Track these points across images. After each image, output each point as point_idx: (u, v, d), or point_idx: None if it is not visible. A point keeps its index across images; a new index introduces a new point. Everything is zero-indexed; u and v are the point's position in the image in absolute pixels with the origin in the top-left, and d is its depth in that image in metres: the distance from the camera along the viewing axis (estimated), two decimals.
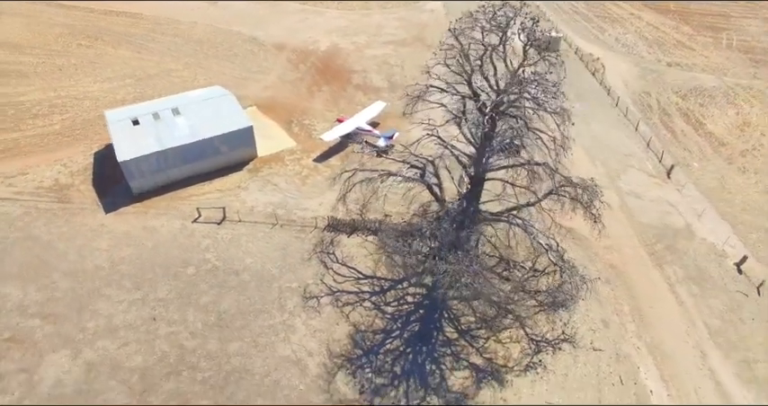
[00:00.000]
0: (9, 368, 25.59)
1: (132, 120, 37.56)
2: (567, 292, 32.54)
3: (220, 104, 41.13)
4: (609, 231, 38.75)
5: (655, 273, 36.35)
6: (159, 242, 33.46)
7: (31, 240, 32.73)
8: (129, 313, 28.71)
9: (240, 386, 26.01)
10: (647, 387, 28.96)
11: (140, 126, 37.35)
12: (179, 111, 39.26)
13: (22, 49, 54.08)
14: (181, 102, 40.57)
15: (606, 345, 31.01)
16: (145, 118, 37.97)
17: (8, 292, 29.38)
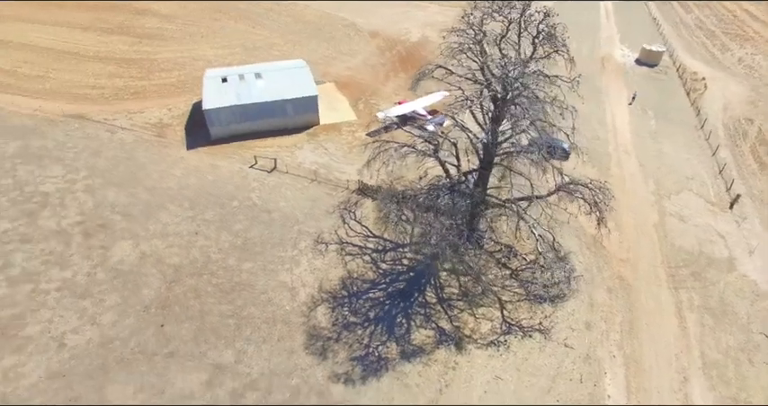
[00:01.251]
0: (94, 244, 34.38)
1: (222, 78, 45.95)
2: (559, 289, 33.87)
3: (297, 74, 47.96)
4: (632, 245, 38.73)
5: (666, 294, 35.53)
6: (218, 178, 41.02)
7: (132, 160, 42.22)
8: (179, 225, 36.36)
9: (241, 295, 32.04)
10: (605, 392, 29.34)
11: (227, 83, 45.52)
12: (261, 76, 46.89)
13: (168, 19, 66.54)
14: (265, 69, 48.25)
15: (580, 345, 31.69)
16: (232, 77, 46.13)
17: (107, 194, 38.74)
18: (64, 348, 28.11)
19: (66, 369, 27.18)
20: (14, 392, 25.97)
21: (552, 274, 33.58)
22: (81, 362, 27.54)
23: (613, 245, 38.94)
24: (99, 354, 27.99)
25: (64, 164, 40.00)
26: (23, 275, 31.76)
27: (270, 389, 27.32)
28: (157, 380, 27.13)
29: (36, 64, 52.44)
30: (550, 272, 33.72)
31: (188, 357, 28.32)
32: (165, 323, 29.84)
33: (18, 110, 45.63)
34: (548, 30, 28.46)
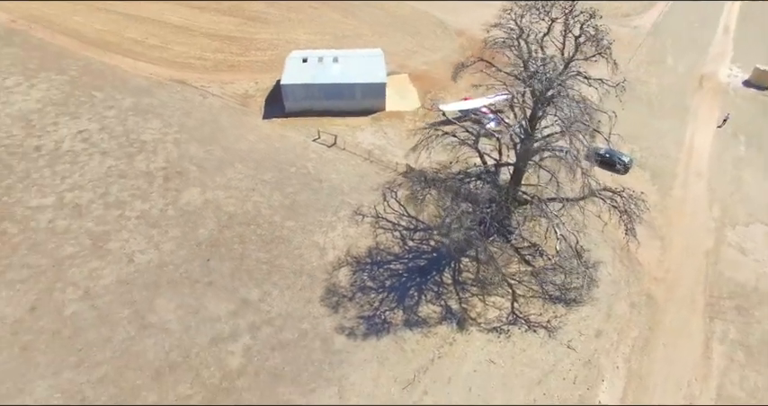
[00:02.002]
0: (171, 186, 40.84)
1: (303, 59, 51.09)
2: (577, 294, 34.17)
3: (371, 62, 51.72)
4: (673, 267, 37.81)
5: (697, 321, 34.28)
6: (283, 146, 46.04)
7: (216, 123, 48.69)
8: (241, 181, 41.73)
9: (278, 247, 36.40)
10: (598, 397, 29.50)
11: (306, 64, 50.54)
12: (338, 60, 51.35)
13: (273, 4, 73.63)
14: (344, 54, 52.65)
15: (584, 349, 32.01)
16: (312, 59, 51.07)
17: (189, 148, 45.29)
18: (132, 263, 34.33)
19: (130, 279, 33.31)
20: (94, 289, 32.50)
21: (570, 277, 34.00)
22: (141, 276, 33.53)
23: (651, 263, 37.96)
24: (155, 273, 33.82)
25: (162, 119, 47.35)
26: (115, 202, 38.82)
27: (282, 327, 31.28)
28: (195, 302, 32.28)
29: (159, 36, 61.57)
30: (570, 275, 34.19)
31: (222, 289, 33.19)
32: (211, 259, 35.03)
33: (138, 73, 54.33)
34: (590, 33, 29.09)
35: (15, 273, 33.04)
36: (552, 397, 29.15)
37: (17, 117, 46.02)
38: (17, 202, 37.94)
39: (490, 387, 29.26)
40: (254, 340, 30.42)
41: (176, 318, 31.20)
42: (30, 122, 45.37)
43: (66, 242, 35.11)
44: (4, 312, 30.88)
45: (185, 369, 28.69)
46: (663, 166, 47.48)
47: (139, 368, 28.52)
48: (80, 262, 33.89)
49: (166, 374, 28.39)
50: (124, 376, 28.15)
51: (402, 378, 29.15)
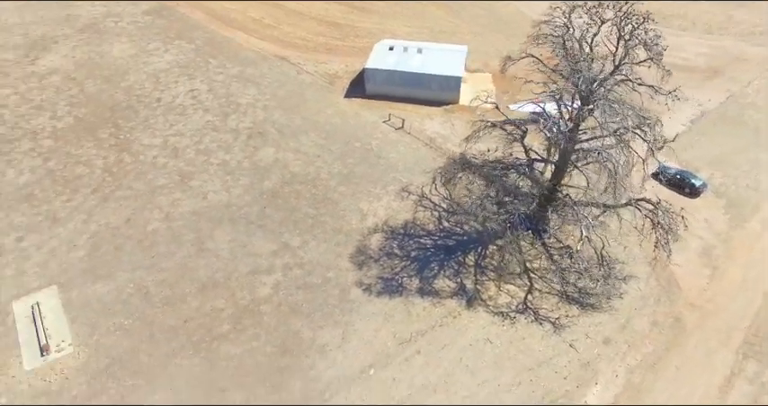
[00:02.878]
0: (251, 144, 47.45)
1: (389, 47, 55.42)
2: (597, 300, 34.54)
3: (452, 56, 54.54)
4: (718, 297, 36.73)
5: (726, 355, 33.08)
6: (355, 123, 50.82)
7: (302, 96, 54.92)
8: (310, 148, 47.23)
9: (326, 206, 41.14)
10: (585, 397, 30.04)
11: (392, 52, 54.79)
12: (421, 51, 54.93)
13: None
14: (429, 47, 56.10)
15: (586, 352, 32.58)
16: (398, 48, 55.20)
17: (274, 114, 51.74)
18: (205, 200, 41.25)
19: (201, 211, 40.19)
20: (172, 214, 39.86)
21: (595, 283, 34.34)
22: (210, 211, 40.25)
23: (693, 289, 36.66)
24: (221, 210, 40.36)
25: (258, 88, 54.64)
26: (204, 150, 46.36)
27: (311, 272, 35.93)
28: (245, 238, 38.15)
29: (274, 17, 69.81)
30: (594, 281, 34.54)
31: (270, 232, 38.69)
32: (268, 207, 40.77)
33: (249, 47, 62.61)
34: (643, 37, 29.45)
35: (122, 192, 41.51)
36: (538, 385, 30.35)
37: (150, 74, 56.05)
38: (135, 140, 46.98)
39: (480, 362, 31.24)
40: (284, 277, 35.48)
41: (228, 248, 37.29)
42: (158, 79, 55.10)
43: (161, 175, 43.08)
44: (109, 219, 39.21)
45: (224, 288, 34.53)
46: (745, 198, 44.52)
47: (191, 280, 34.92)
48: (167, 192, 41.54)
49: (209, 288, 34.44)
50: (178, 283, 34.69)
51: (401, 335, 32.27)
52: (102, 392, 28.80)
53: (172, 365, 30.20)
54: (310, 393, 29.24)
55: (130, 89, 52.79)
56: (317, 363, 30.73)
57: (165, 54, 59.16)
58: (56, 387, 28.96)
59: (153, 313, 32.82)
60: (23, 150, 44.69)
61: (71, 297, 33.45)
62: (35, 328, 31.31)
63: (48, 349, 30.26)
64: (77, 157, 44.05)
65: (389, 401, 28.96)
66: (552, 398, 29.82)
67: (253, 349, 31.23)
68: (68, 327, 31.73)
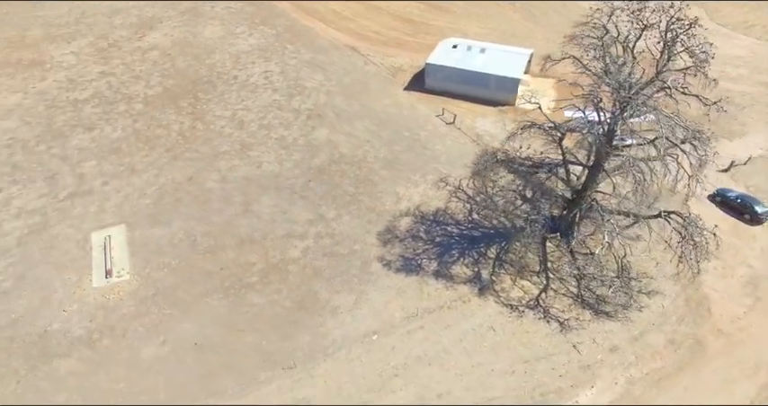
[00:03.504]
0: (308, 124, 51.69)
1: (453, 45, 57.39)
2: (612, 309, 34.66)
3: (514, 59, 55.46)
4: (754, 328, 34.94)
5: (748, 387, 31.90)
6: (409, 114, 53.47)
7: (364, 85, 58.46)
8: (362, 133, 50.54)
9: (365, 187, 44.21)
10: (577, 397, 30.56)
11: (455, 50, 56.77)
12: (484, 51, 56.38)
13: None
14: (493, 47, 57.44)
15: (589, 355, 33.00)
16: (462, 46, 57.06)
17: (336, 99, 55.60)
18: (259, 168, 45.93)
19: (253, 178, 44.88)
20: (228, 177, 44.85)
21: (615, 293, 34.46)
22: (261, 178, 44.83)
23: (725, 316, 35.58)
24: (271, 179, 44.79)
25: (325, 74, 58.94)
26: (266, 125, 51.19)
27: (339, 242, 39.18)
28: (287, 206, 42.19)
29: (353, 10, 74.06)
30: (615, 290, 34.67)
31: (310, 203, 42.47)
32: (312, 181, 44.62)
33: (324, 36, 67.26)
34: (687, 43, 29.31)
35: (189, 154, 47.30)
36: (531, 377, 31.34)
37: (233, 54, 62.28)
38: (209, 110, 52.92)
39: (479, 346, 32.76)
40: (314, 244, 39.02)
41: (269, 212, 41.52)
42: (238, 59, 61.16)
43: (225, 143, 48.44)
44: (175, 175, 45.00)
45: (259, 246, 38.72)
46: None
47: (232, 235, 39.50)
48: (228, 158, 46.72)
49: (247, 244, 38.79)
50: (221, 236, 39.41)
51: (408, 310, 34.57)
52: (144, 315, 33.95)
53: (203, 303, 34.76)
54: (315, 346, 32.44)
55: (213, 66, 59.18)
56: (327, 321, 33.88)
57: (248, 37, 65.29)
58: (112, 304, 34.55)
59: (196, 257, 37.70)
60: (119, 111, 52.08)
61: (134, 236, 39.23)
62: (104, 256, 37.27)
63: (111, 274, 36.04)
64: (159, 121, 50.64)
65: (384, 366, 31.42)
66: (543, 391, 30.72)
67: (273, 301, 35.02)
68: (128, 259, 37.40)
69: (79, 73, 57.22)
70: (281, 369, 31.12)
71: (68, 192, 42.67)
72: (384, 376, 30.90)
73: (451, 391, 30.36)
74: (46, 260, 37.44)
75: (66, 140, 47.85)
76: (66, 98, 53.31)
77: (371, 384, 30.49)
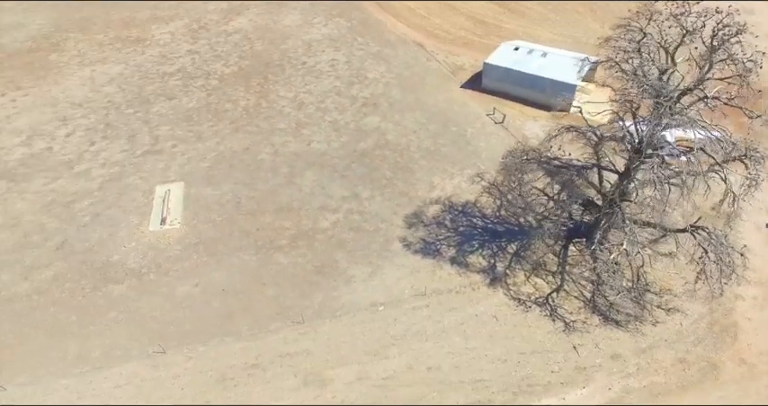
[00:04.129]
0: (362, 111, 55.25)
1: (515, 48, 58.28)
2: (624, 318, 34.73)
3: (573, 64, 55.13)
4: None
5: None
6: (460, 111, 55.30)
7: (423, 80, 60.95)
8: (410, 123, 53.14)
9: (403, 173, 46.78)
10: (566, 395, 31.21)
11: (516, 52, 57.66)
12: (545, 55, 56.74)
13: (545, 4, 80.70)
14: (555, 52, 57.62)
15: (587, 358, 33.44)
16: (523, 49, 57.83)
17: (393, 91, 58.76)
18: (308, 146, 50.08)
19: (301, 153, 49.07)
20: (279, 151, 49.42)
21: (634, 307, 34.54)
22: (308, 155, 48.90)
23: (753, 345, 34.33)
24: (317, 156, 48.73)
25: (388, 66, 62.20)
26: (323, 108, 55.31)
27: (366, 219, 42.18)
28: (326, 182, 45.86)
29: (428, 9, 76.75)
30: (632, 303, 34.78)
31: (348, 182, 45.84)
32: (354, 163, 47.98)
33: (394, 31, 70.57)
34: (731, 52, 28.85)
35: (250, 128, 52.53)
36: (523, 368, 32.36)
37: (306, 41, 67.40)
38: (275, 90, 58.11)
39: (478, 331, 34.25)
40: (344, 218, 42.31)
41: (310, 185, 45.42)
42: (310, 47, 66.14)
43: (282, 121, 53.18)
44: (234, 146, 50.31)
45: (295, 214, 42.68)
46: None
47: (273, 202, 43.81)
48: (282, 134, 51.38)
49: (283, 211, 42.90)
50: (263, 202, 43.88)
51: (418, 288, 36.75)
52: (185, 259, 39.00)
53: (236, 256, 39.18)
54: (325, 307, 35.63)
55: (286, 51, 64.53)
56: (341, 287, 36.95)
57: (323, 27, 70.20)
58: (161, 246, 40.02)
59: (238, 217, 42.38)
60: (197, 85, 58.70)
61: (190, 192, 44.74)
62: (162, 206, 43.00)
63: (165, 222, 41.63)
64: (229, 96, 56.51)
65: (384, 334, 33.91)
66: (531, 383, 31.69)
67: (297, 263, 38.69)
68: (181, 211, 42.85)
69: (171, 50, 64.95)
70: (291, 322, 34.64)
71: (144, 150, 49.37)
72: (381, 343, 33.42)
73: (441, 366, 32.23)
74: (117, 203, 43.88)
75: (150, 106, 54.99)
76: (156, 71, 60.92)
77: (368, 348, 33.13)
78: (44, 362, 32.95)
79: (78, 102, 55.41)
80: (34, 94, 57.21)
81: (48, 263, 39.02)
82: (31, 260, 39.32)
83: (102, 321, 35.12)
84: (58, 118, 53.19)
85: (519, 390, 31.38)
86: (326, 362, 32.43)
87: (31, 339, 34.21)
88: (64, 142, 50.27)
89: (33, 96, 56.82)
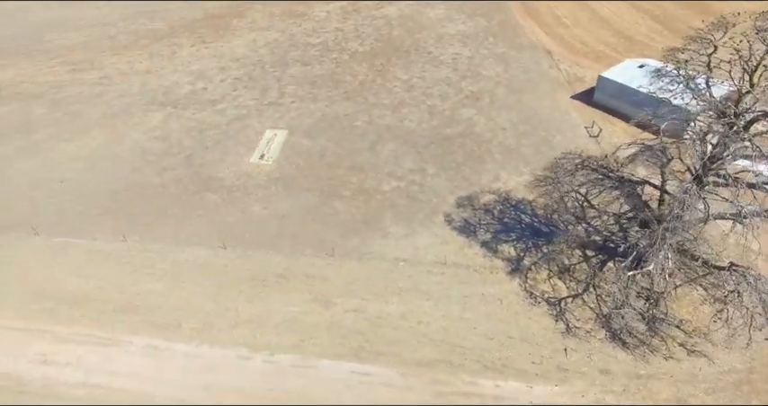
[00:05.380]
0: (464, 102, 59.72)
1: (640, 65, 57.01)
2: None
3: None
4: None
5: None
6: (559, 118, 56.54)
7: (535, 85, 62.84)
8: (502, 121, 56.17)
9: (473, 162, 50.47)
10: (534, 385, 32.79)
11: (638, 69, 56.51)
12: None
13: None
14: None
15: (574, 362, 34.13)
16: (648, 68, 56.27)
17: (499, 89, 62.04)
18: (400, 123, 56.35)
19: (390, 127, 55.65)
20: (373, 122, 56.59)
21: (620, 310, 34.49)
22: (396, 130, 55.24)
23: None
24: (402, 132, 54.78)
25: (505, 67, 65.39)
26: (427, 94, 60.99)
27: (423, 191, 47.19)
28: (401, 155, 51.70)
29: (575, 19, 76.83)
30: (619, 310, 34.77)
31: (420, 159, 51.17)
32: (434, 144, 52.96)
33: (529, 37, 72.76)
34: None
35: (358, 98, 60.53)
36: (505, 349, 34.47)
37: (439, 34, 73.54)
38: (392, 72, 65.47)
39: (477, 308, 37.15)
40: (404, 186, 47.89)
41: (386, 154, 51.78)
42: (441, 39, 72.21)
43: (387, 98, 60.28)
44: (338, 110, 58.82)
45: (364, 174, 49.48)
46: None
47: (351, 160, 51.20)
48: (382, 109, 58.43)
49: (355, 169, 49.96)
50: (343, 159, 51.46)
51: (439, 257, 40.68)
52: (266, 187, 48.44)
53: (303, 195, 47.37)
54: (357, 250, 41.73)
55: (417, 40, 71.58)
56: (376, 239, 42.68)
57: (460, 24, 75.70)
58: (253, 174, 50.17)
59: (318, 165, 50.65)
60: (331, 57, 68.87)
61: (290, 139, 54.38)
62: (266, 145, 53.25)
63: (263, 157, 51.78)
64: (352, 70, 65.46)
65: (393, 284, 38.79)
66: (505, 364, 33.74)
67: (349, 212, 45.41)
68: (278, 152, 52.59)
69: (321, 25, 76.55)
70: (324, 253, 41.46)
71: (269, 101, 60.61)
72: (388, 290, 38.39)
73: (430, 324, 36.09)
74: (235, 137, 55.35)
75: (287, 68, 66.52)
76: (303, 41, 72.75)
77: (375, 291, 38.38)
78: (149, 231, 44.58)
79: (237, 58, 69.39)
80: (211, 48, 72.92)
81: (174, 168, 51.59)
82: (166, 164, 52.29)
83: (192, 215, 45.98)
84: (219, 67, 67.53)
85: (491, 366, 33.88)
86: (337, 290, 38.55)
87: (147, 216, 46.35)
88: (216, 86, 64.02)
89: (210, 49, 72.51)
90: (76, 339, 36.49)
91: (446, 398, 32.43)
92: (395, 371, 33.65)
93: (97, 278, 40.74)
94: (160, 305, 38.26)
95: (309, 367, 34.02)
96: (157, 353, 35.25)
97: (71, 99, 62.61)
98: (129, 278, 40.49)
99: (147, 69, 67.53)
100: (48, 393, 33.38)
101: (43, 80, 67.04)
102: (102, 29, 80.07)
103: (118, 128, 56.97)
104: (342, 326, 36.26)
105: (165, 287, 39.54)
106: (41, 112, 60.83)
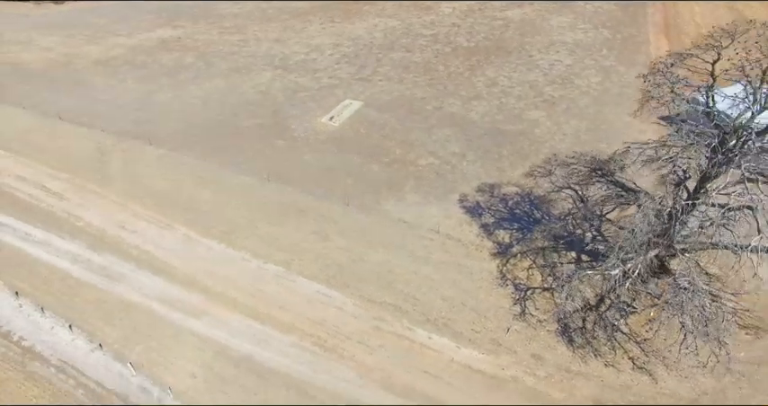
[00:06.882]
0: (538, 105, 62.66)
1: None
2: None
3: None
4: None
5: None
6: (626, 134, 55.90)
7: (625, 98, 62.67)
8: (564, 126, 58.06)
9: (512, 155, 53.90)
10: (458, 344, 36.35)
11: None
12: None
13: None
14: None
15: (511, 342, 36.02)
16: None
17: (582, 100, 63.28)
18: (467, 113, 61.60)
19: (455, 116, 61.23)
20: (445, 108, 62.73)
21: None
22: (459, 118, 60.66)
23: None
24: (463, 121, 60.01)
25: (602, 79, 66.26)
26: (505, 93, 65.03)
27: (452, 172, 52.39)
28: (452, 139, 57.20)
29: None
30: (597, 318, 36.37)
31: (466, 146, 56.17)
32: (487, 135, 57.36)
33: (650, 53, 71.58)
34: None
35: (439, 86, 67.07)
36: (452, 312, 37.95)
37: (552, 41, 76.43)
38: (483, 69, 70.58)
39: (446, 274, 41.42)
40: (436, 164, 53.60)
41: (439, 136, 57.75)
42: (550, 46, 75.12)
43: (466, 90, 65.88)
44: (416, 94, 66.00)
45: (409, 148, 56.18)
46: None
47: (404, 135, 58.23)
48: (455, 98, 64.25)
49: (404, 144, 56.87)
50: (397, 134, 58.76)
51: (438, 226, 45.73)
52: (324, 142, 58.03)
53: (351, 155, 55.77)
54: (368, 205, 48.58)
55: (525, 44, 75.63)
56: (391, 200, 49.04)
57: (580, 33, 77.50)
58: (319, 131, 60.22)
59: (374, 135, 58.78)
60: (434, 48, 76.45)
61: (361, 110, 63.34)
62: (338, 110, 63.09)
63: (332, 119, 61.62)
64: (446, 62, 72.21)
65: (380, 237, 45.10)
66: (446, 324, 37.00)
67: (379, 174, 52.62)
68: (346, 118, 61.94)
69: (441, 19, 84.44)
70: (343, 203, 49.46)
71: (360, 77, 70.41)
72: (378, 241, 44.76)
73: (397, 273, 41.42)
74: (318, 101, 66.10)
75: (390, 52, 75.78)
76: (417, 31, 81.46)
77: (368, 238, 44.93)
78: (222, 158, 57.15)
79: (352, 38, 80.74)
80: (336, 27, 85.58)
81: (263, 116, 63.99)
82: (258, 112, 65.05)
83: (259, 153, 57.39)
84: (334, 43, 79.51)
85: (433, 321, 38.35)
86: (338, 231, 45.99)
87: (228, 148, 59.12)
88: (324, 58, 75.95)
89: (334, 28, 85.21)
90: (146, 219, 49.65)
91: (381, 334, 38.20)
92: (351, 301, 40.20)
93: (175, 181, 54.08)
94: (205, 211, 49.97)
95: (288, 280, 42.30)
96: (189, 241, 46.59)
97: (213, 54, 79.79)
98: (194, 187, 53.10)
99: (277, 38, 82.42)
100: (116, 245, 46.53)
101: (200, 38, 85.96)
102: (257, 4, 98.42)
103: (234, 80, 71.82)
104: (327, 257, 43.87)
105: (213, 199, 51.27)
106: (189, 61, 78.70)
